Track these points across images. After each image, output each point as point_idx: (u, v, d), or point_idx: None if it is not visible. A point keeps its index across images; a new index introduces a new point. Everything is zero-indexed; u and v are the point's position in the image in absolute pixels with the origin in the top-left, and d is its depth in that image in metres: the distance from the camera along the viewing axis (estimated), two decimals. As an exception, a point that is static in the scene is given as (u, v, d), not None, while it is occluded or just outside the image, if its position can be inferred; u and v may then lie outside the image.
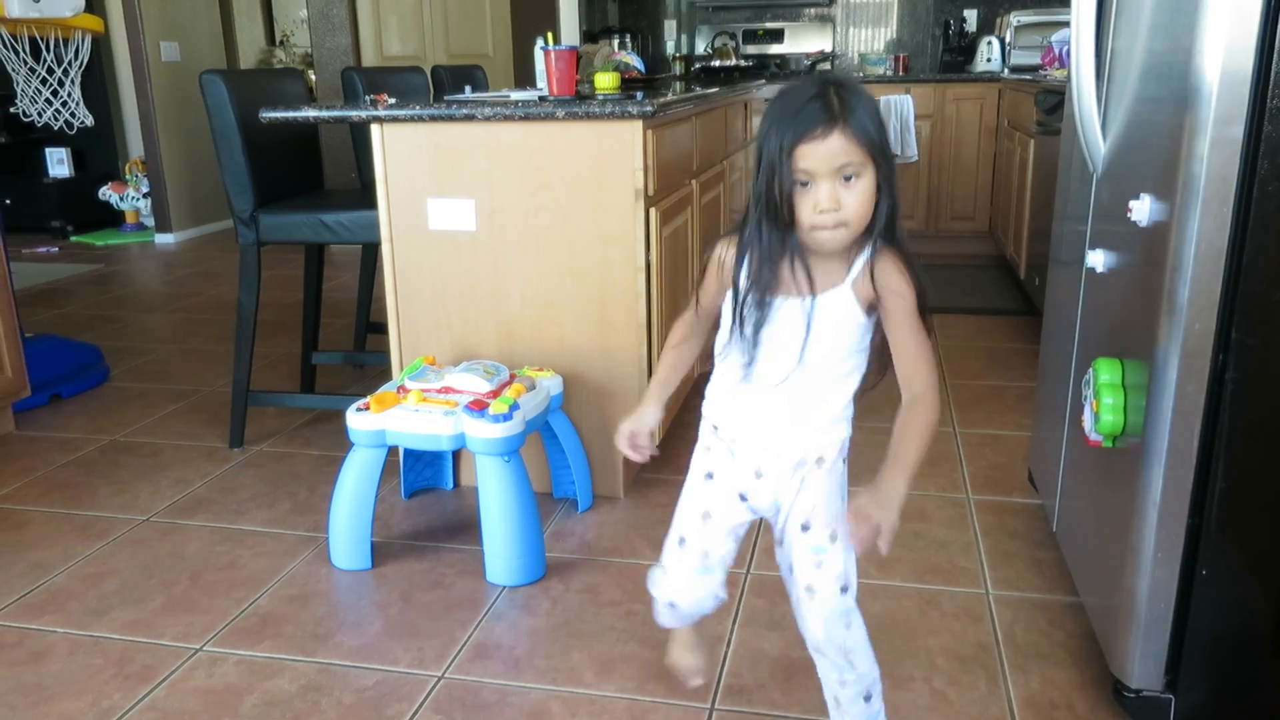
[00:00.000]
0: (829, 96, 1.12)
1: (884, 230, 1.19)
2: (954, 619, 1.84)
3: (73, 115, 3.30)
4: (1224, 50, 1.24)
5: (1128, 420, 1.48)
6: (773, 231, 1.17)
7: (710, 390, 1.35)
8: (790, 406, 1.27)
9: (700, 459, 1.38)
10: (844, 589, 1.32)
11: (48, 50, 3.15)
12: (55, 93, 3.26)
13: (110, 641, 1.82)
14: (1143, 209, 1.42)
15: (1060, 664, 1.70)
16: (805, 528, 1.31)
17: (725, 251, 1.25)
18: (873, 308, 1.23)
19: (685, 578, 1.40)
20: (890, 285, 1.20)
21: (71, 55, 3.20)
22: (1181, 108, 1.30)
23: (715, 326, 1.32)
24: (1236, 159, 1.26)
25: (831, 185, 1.13)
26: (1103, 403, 1.50)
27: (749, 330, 1.22)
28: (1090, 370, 1.57)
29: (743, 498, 1.35)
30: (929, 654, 1.73)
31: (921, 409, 1.22)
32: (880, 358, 1.26)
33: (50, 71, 3.21)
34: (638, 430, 1.40)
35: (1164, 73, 1.40)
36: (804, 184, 1.14)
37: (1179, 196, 1.30)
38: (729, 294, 1.25)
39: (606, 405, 2.31)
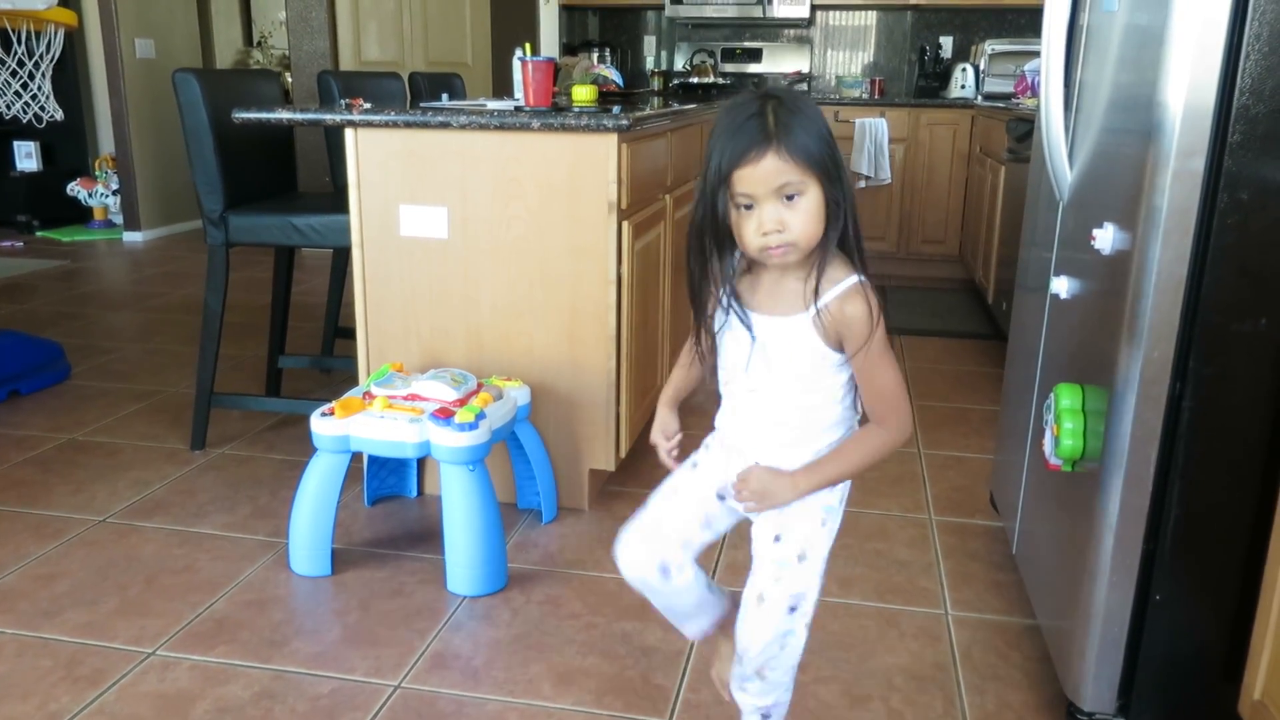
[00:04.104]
0: (766, 115, 1.11)
1: (848, 244, 1.18)
2: (913, 639, 1.85)
3: (42, 109, 3.26)
4: (1187, 85, 1.26)
5: (1087, 445, 1.50)
6: (720, 250, 1.19)
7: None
8: (753, 419, 1.29)
9: (695, 453, 1.39)
10: (792, 609, 1.30)
11: (19, 43, 3.11)
12: (25, 85, 3.22)
13: (60, 644, 1.78)
14: (1106, 238, 1.44)
15: (1016, 685, 1.71)
16: (778, 539, 1.30)
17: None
18: (839, 344, 1.20)
19: (632, 538, 1.36)
20: (857, 322, 1.17)
21: (43, 48, 3.17)
22: (1145, 140, 1.32)
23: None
24: (1197, 192, 1.29)
25: (774, 207, 1.12)
26: (1063, 427, 1.52)
27: (705, 342, 1.27)
28: (1051, 395, 1.59)
29: (720, 496, 1.35)
30: (887, 673, 1.74)
31: (876, 431, 1.24)
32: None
33: (20, 64, 3.17)
34: (666, 432, 1.39)
35: (1129, 105, 1.43)
36: (747, 207, 1.13)
37: (1141, 227, 1.33)
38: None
39: (574, 417, 2.31)
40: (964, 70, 5.23)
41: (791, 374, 1.23)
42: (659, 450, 1.40)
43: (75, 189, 6.29)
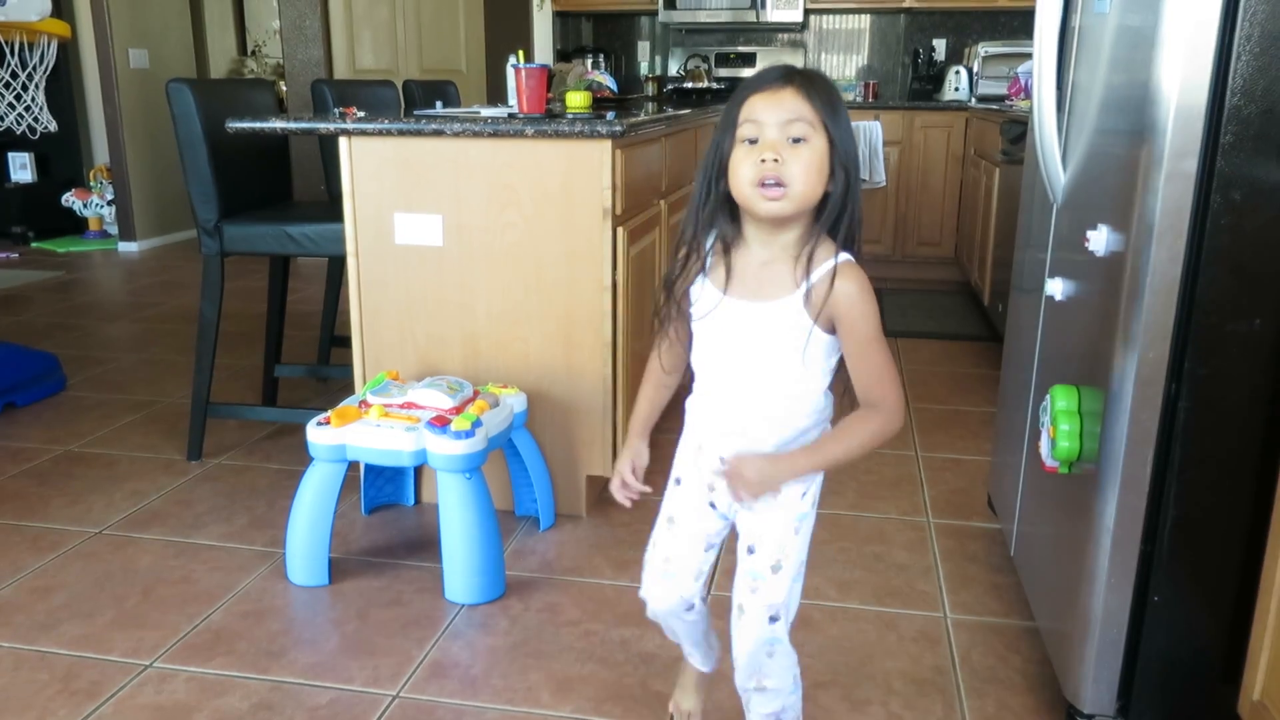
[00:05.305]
0: (795, 72, 1.15)
1: (844, 238, 1.17)
2: (912, 642, 1.84)
3: (36, 120, 3.25)
4: (1179, 86, 1.27)
5: (1083, 447, 1.50)
6: (720, 216, 1.19)
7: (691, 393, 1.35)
8: (733, 410, 1.26)
9: (675, 463, 1.38)
10: (773, 619, 1.29)
11: (12, 54, 3.11)
12: (19, 97, 3.22)
13: (57, 657, 1.78)
14: (1100, 239, 1.44)
15: (1015, 688, 1.71)
16: (750, 551, 1.30)
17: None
18: (831, 327, 1.18)
19: (651, 578, 1.38)
20: (851, 300, 1.15)
21: (36, 60, 3.16)
22: (1138, 141, 1.32)
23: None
24: (1190, 192, 1.29)
25: (777, 140, 1.12)
26: (1059, 429, 1.52)
27: (678, 315, 1.26)
28: (1048, 397, 1.59)
29: (712, 505, 1.33)
30: (886, 677, 1.74)
31: (872, 415, 1.18)
32: (843, 380, 1.22)
33: (14, 75, 3.16)
34: (635, 466, 1.34)
35: (1122, 106, 1.43)
36: (751, 141, 1.13)
37: (1135, 228, 1.33)
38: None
39: (570, 423, 2.31)
40: (957, 73, 5.23)
41: (778, 363, 1.20)
42: (615, 493, 1.35)
43: (70, 200, 6.28)
